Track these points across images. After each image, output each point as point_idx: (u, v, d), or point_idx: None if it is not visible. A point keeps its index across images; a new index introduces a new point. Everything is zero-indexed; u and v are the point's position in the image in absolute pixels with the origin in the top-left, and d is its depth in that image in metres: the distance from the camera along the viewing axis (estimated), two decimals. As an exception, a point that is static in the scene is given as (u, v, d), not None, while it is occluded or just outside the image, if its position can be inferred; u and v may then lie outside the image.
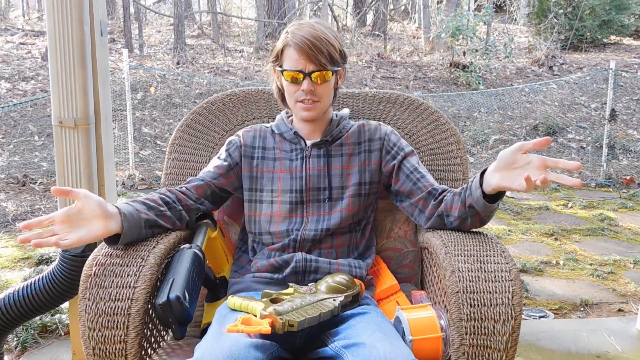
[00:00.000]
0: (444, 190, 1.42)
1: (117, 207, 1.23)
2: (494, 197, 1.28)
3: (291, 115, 1.52)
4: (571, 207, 4.68)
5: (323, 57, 1.35)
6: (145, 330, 1.24)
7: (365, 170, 1.47)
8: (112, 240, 1.23)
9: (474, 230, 1.40)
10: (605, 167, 5.73)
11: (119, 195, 4.63)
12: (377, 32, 11.46)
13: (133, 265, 1.21)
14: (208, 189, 1.45)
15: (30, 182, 5.00)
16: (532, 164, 1.18)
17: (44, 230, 1.13)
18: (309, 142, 1.47)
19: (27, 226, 1.10)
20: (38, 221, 1.11)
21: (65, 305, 2.10)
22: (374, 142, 1.49)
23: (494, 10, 10.72)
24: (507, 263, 1.22)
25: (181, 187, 1.44)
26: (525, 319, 2.61)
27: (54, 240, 1.12)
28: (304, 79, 1.36)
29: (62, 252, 1.84)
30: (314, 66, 1.35)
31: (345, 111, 1.56)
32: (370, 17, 12.72)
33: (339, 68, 1.42)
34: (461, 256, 1.24)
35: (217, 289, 1.47)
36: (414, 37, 11.63)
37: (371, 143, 1.49)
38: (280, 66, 1.41)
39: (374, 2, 11.74)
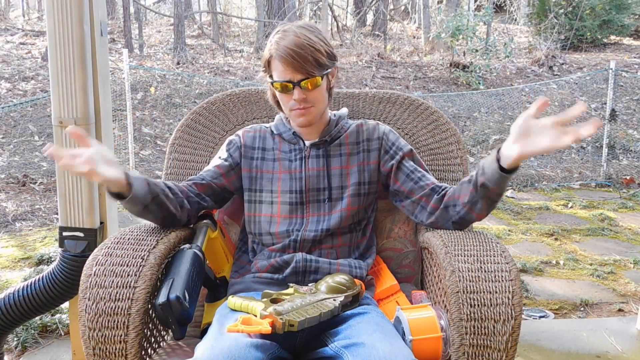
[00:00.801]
0: (445, 188, 1.42)
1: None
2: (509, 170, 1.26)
3: (289, 116, 1.52)
4: (571, 207, 4.68)
5: (309, 64, 1.33)
6: (145, 330, 1.24)
7: (364, 170, 1.47)
8: (117, 196, 1.27)
9: (474, 230, 1.40)
10: (605, 167, 5.72)
11: (119, 195, 4.62)
12: (377, 32, 11.46)
13: (133, 265, 1.21)
14: (209, 188, 1.46)
15: (30, 182, 5.00)
16: (547, 125, 1.17)
17: (75, 155, 1.17)
18: (307, 143, 1.47)
19: (55, 151, 1.15)
20: (66, 150, 1.17)
21: (65, 305, 2.10)
22: (373, 141, 1.48)
23: (494, 10, 10.71)
24: (507, 263, 1.22)
25: (182, 184, 1.44)
26: (525, 319, 2.61)
27: (88, 169, 1.16)
28: (294, 88, 1.35)
29: (62, 252, 1.84)
30: (301, 75, 1.34)
31: (344, 111, 1.56)
32: (370, 17, 12.72)
33: (329, 70, 1.40)
34: (461, 256, 1.24)
35: (217, 289, 1.47)
36: (414, 37, 11.62)
37: (370, 143, 1.48)
38: (271, 76, 1.40)
39: (374, 2, 11.73)
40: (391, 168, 1.46)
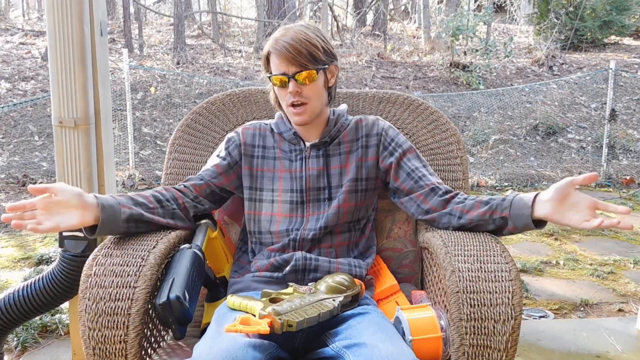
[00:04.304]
0: (449, 191, 1.42)
1: (97, 198, 1.25)
2: (537, 222, 1.29)
3: (290, 115, 1.52)
4: (571, 207, 4.67)
5: (303, 57, 1.35)
6: (145, 330, 1.24)
7: (362, 166, 1.46)
8: (91, 230, 1.25)
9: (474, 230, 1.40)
10: (605, 167, 5.73)
11: (119, 195, 4.62)
12: (377, 32, 11.46)
13: (133, 265, 1.21)
14: (207, 188, 1.45)
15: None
16: (582, 203, 1.23)
17: (26, 213, 1.20)
18: (308, 144, 1.47)
19: (13, 208, 1.18)
20: (22, 204, 1.19)
21: (65, 305, 2.10)
22: (372, 137, 1.48)
23: (494, 10, 10.72)
24: (507, 263, 1.22)
25: (179, 186, 1.44)
26: (525, 319, 2.61)
27: (31, 226, 1.18)
28: (289, 81, 1.37)
29: (62, 252, 1.84)
30: (295, 68, 1.36)
31: (343, 107, 1.55)
32: (370, 17, 12.71)
33: (325, 66, 1.40)
34: (461, 256, 1.24)
35: (217, 289, 1.47)
36: (414, 37, 11.62)
37: (368, 139, 1.48)
38: (270, 72, 1.41)
39: (374, 2, 11.73)
40: (390, 165, 1.46)
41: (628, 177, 5.60)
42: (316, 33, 1.39)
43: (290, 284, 1.28)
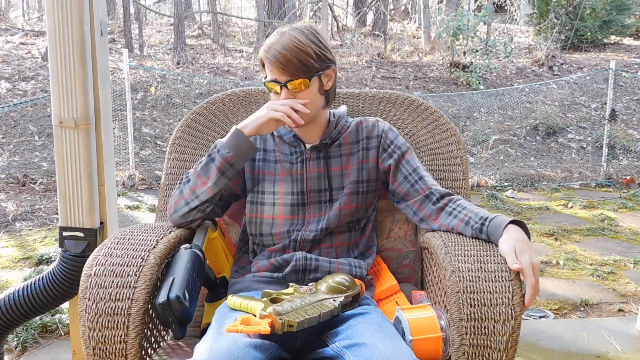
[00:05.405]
0: (443, 196, 1.42)
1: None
2: None
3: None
4: (571, 207, 4.68)
5: (293, 66, 1.34)
6: (145, 330, 1.24)
7: (363, 168, 1.47)
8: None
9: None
10: (605, 167, 5.72)
11: (119, 195, 4.63)
12: (377, 32, 11.45)
13: (133, 265, 1.21)
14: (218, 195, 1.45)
15: (30, 182, 5.00)
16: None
17: None
18: (308, 146, 1.47)
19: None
20: None
21: (65, 305, 2.10)
22: (372, 139, 1.48)
23: (494, 10, 10.71)
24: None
25: None
26: (525, 319, 2.61)
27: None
28: (281, 88, 1.37)
29: (62, 252, 1.84)
30: (286, 76, 1.35)
31: (343, 109, 1.55)
32: (370, 17, 12.71)
33: (320, 72, 1.39)
34: (461, 256, 1.24)
35: (217, 289, 1.47)
36: (414, 37, 11.62)
37: (369, 141, 1.48)
38: (266, 77, 1.42)
39: (374, 2, 11.73)
40: (389, 167, 1.46)
41: (628, 177, 5.60)
42: (310, 38, 1.37)
43: (291, 284, 1.28)
